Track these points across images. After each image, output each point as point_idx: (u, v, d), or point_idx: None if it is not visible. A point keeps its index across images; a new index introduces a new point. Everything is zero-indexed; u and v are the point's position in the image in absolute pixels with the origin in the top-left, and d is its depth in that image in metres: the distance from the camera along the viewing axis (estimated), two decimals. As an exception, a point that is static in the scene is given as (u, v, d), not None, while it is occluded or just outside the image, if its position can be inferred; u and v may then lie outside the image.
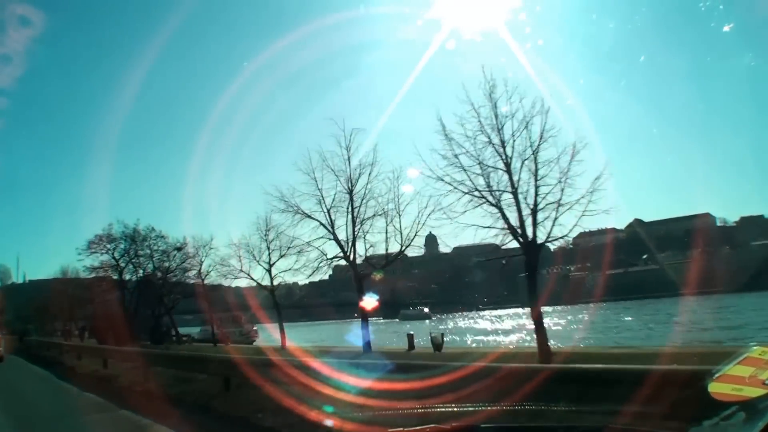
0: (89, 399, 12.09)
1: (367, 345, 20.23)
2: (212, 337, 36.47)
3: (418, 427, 2.43)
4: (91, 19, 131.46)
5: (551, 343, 15.24)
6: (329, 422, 3.68)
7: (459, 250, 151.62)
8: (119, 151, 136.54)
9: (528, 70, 14.07)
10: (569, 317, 49.49)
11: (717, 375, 1.84)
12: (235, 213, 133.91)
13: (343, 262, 22.76)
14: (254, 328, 42.64)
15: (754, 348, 1.92)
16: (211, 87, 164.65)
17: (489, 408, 3.09)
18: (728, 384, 1.75)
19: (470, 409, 3.05)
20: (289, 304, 72.89)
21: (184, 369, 13.49)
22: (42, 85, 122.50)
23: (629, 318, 47.78)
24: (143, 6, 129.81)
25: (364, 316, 21.38)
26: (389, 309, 75.68)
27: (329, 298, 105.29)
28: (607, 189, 13.31)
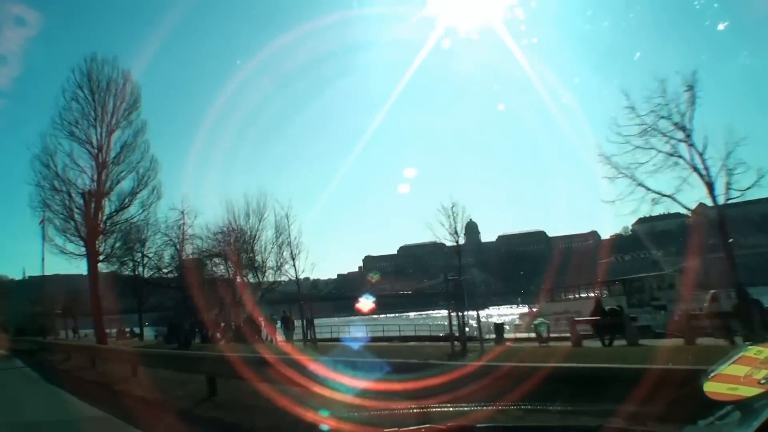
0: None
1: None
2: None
3: (414, 427, 2.42)
4: (88, 19, 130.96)
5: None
6: (325, 427, 3.66)
7: (504, 239, 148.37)
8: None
9: (525, 69, 13.88)
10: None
11: (712, 374, 1.84)
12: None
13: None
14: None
15: (749, 347, 1.91)
16: (205, 86, 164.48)
17: (485, 408, 3.08)
18: (724, 383, 1.75)
19: (466, 409, 3.04)
20: (317, 298, 68.87)
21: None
22: (39, 84, 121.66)
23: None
24: (137, 6, 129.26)
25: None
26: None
27: (360, 293, 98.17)
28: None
